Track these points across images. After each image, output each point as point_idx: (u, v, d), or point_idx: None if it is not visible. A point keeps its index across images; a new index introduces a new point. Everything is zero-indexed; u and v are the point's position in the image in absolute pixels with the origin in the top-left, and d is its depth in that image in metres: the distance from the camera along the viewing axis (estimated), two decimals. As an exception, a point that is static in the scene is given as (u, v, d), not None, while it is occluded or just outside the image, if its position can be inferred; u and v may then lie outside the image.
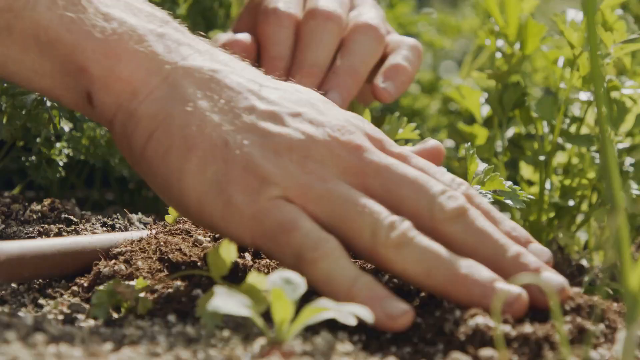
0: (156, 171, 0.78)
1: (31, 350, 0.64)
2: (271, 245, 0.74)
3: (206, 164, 0.76)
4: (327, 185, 0.75)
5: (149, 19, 0.81)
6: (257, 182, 0.74)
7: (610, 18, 1.01)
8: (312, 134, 0.77)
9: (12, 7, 0.78)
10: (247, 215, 0.74)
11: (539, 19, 1.11)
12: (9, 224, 0.91)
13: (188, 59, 0.79)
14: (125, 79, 0.78)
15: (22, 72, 0.80)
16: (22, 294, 0.80)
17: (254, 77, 0.80)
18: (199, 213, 0.77)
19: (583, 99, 1.07)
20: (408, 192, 0.76)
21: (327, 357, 0.68)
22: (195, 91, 0.78)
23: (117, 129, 0.80)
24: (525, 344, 0.70)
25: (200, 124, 0.76)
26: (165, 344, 0.68)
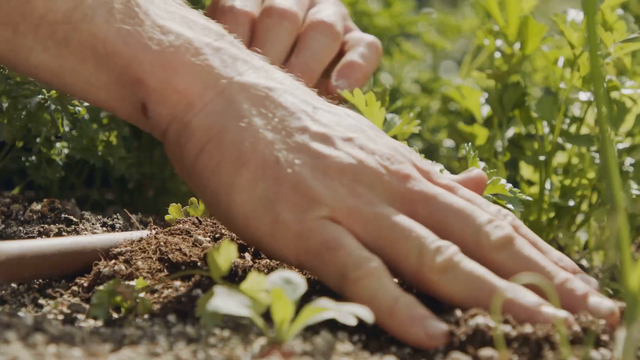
0: (206, 184, 0.79)
1: (31, 350, 0.64)
2: (315, 263, 0.75)
3: (256, 180, 0.77)
4: (375, 209, 0.76)
5: (204, 32, 0.82)
6: (306, 202, 0.76)
7: (610, 18, 1.01)
8: (363, 160, 0.78)
9: (70, 20, 0.79)
10: (293, 233, 0.75)
11: (539, 19, 1.10)
12: (9, 224, 0.91)
13: (244, 75, 0.80)
14: (181, 91, 0.79)
15: (78, 84, 0.81)
16: (22, 294, 0.80)
17: (307, 97, 0.82)
18: (245, 228, 0.78)
19: (583, 99, 1.07)
20: (455, 221, 0.77)
21: (327, 357, 0.68)
22: (250, 107, 0.79)
23: (170, 140, 0.81)
24: (526, 344, 0.70)
25: (254, 140, 0.77)
26: (165, 344, 0.68)
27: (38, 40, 0.79)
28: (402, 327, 0.72)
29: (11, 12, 0.78)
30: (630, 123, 1.08)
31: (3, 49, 0.80)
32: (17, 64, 0.81)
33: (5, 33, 0.79)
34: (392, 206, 0.77)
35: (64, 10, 0.78)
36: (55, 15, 0.78)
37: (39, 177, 1.01)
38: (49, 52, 0.80)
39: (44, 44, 0.79)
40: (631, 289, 0.60)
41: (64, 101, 0.95)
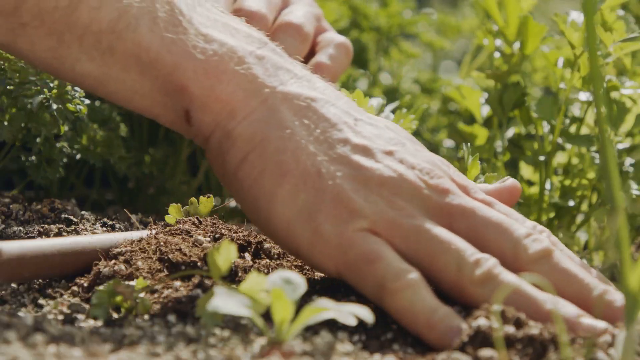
0: (247, 192, 0.80)
1: (31, 351, 0.64)
2: (355, 275, 0.76)
3: (298, 191, 0.78)
4: (415, 221, 0.77)
5: (247, 40, 0.83)
6: (346, 213, 0.77)
7: (610, 18, 1.01)
8: (403, 173, 0.78)
9: (114, 29, 0.80)
10: (333, 244, 0.76)
11: (539, 19, 1.10)
12: (9, 224, 0.91)
13: (286, 84, 0.81)
14: (224, 99, 0.80)
15: (122, 92, 0.82)
16: (22, 294, 0.80)
17: (348, 108, 0.82)
18: (285, 238, 0.79)
19: (583, 99, 1.07)
20: (493, 234, 0.78)
21: (327, 357, 0.68)
22: (292, 118, 0.80)
23: (213, 147, 0.82)
24: (530, 345, 0.70)
25: (296, 151, 0.78)
26: (165, 344, 0.68)
27: (83, 50, 0.80)
28: (440, 339, 0.72)
29: (56, 22, 0.79)
30: (630, 123, 1.08)
31: (48, 58, 0.81)
32: (62, 72, 0.82)
33: (50, 42, 0.80)
34: (431, 219, 0.77)
35: (108, 20, 0.79)
36: (100, 25, 0.79)
37: (39, 177, 1.01)
38: (94, 61, 0.81)
39: (89, 53, 0.80)
40: (631, 289, 0.60)
41: (65, 100, 0.95)
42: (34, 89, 0.94)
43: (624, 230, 0.59)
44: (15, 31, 0.80)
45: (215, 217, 0.90)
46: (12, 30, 0.80)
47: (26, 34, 0.80)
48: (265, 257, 0.86)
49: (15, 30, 0.80)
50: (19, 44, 0.81)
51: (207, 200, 0.92)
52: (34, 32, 0.80)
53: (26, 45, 0.81)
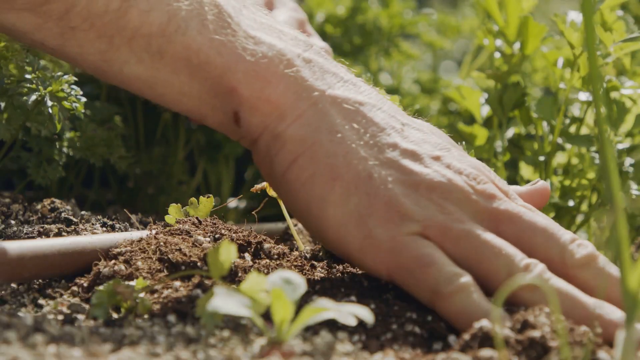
0: (297, 195, 0.81)
1: (31, 351, 0.64)
2: (407, 278, 0.77)
3: (349, 195, 0.79)
4: (465, 226, 0.78)
5: (294, 43, 0.84)
6: (398, 218, 0.78)
7: (609, 18, 1.01)
8: (452, 178, 0.80)
9: (164, 32, 0.80)
10: (386, 248, 0.78)
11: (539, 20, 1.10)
12: (9, 224, 0.91)
13: (334, 88, 0.82)
14: (274, 102, 0.81)
15: (171, 94, 0.83)
16: (22, 294, 0.80)
17: (394, 113, 0.84)
18: (336, 241, 0.80)
19: (583, 99, 1.07)
20: (540, 239, 0.80)
21: (327, 357, 0.68)
22: (342, 122, 0.81)
23: (261, 149, 0.83)
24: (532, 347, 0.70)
25: (347, 155, 0.80)
26: (165, 344, 0.68)
27: (132, 53, 0.81)
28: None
29: (106, 25, 0.80)
30: (630, 123, 1.08)
31: (97, 61, 0.82)
32: (110, 74, 0.83)
33: (99, 45, 0.81)
34: (479, 224, 0.79)
35: (158, 23, 0.80)
36: (150, 28, 0.80)
37: (39, 177, 1.01)
38: (143, 64, 0.81)
39: (139, 56, 0.81)
40: (630, 289, 0.60)
41: (61, 98, 0.94)
42: (29, 86, 0.94)
43: (623, 231, 0.59)
44: (64, 35, 0.81)
45: (215, 217, 0.90)
46: (62, 34, 0.81)
47: (75, 37, 0.81)
48: (265, 258, 0.86)
49: (65, 34, 0.81)
50: (67, 48, 0.82)
51: (207, 200, 0.92)
52: (84, 36, 0.80)
53: (75, 49, 0.81)
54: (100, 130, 1.06)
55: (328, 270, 0.87)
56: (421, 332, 0.75)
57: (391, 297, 0.80)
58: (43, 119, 0.96)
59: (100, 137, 1.05)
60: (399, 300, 0.79)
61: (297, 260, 0.88)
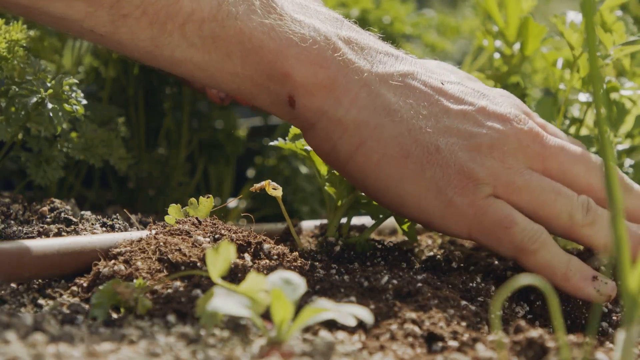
0: (370, 176, 0.87)
1: (30, 350, 0.64)
2: (491, 239, 0.86)
3: (423, 169, 0.86)
4: (524, 177, 0.87)
5: (331, 23, 0.88)
6: (472, 184, 0.86)
7: (609, 19, 1.01)
8: (504, 130, 0.88)
9: (215, 17, 0.83)
10: (467, 214, 0.86)
11: (539, 20, 1.10)
12: (9, 224, 0.91)
13: (377, 65, 0.87)
14: (327, 86, 0.85)
15: (222, 75, 0.86)
16: (22, 294, 0.80)
17: (433, 73, 0.90)
18: (417, 212, 0.87)
19: (582, 100, 1.07)
20: (580, 169, 0.89)
21: (326, 357, 0.68)
22: (396, 100, 0.86)
23: (319, 133, 0.87)
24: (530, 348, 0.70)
25: (411, 132, 0.86)
26: (164, 344, 0.68)
27: (184, 37, 0.84)
28: (577, 289, 0.85)
29: (158, 12, 0.83)
30: (630, 124, 1.08)
31: (148, 46, 0.84)
32: (161, 58, 0.86)
33: (151, 32, 0.83)
34: (532, 168, 0.88)
35: (209, 8, 0.83)
36: (202, 14, 0.83)
37: (39, 177, 1.01)
38: (195, 48, 0.84)
39: (191, 40, 0.84)
40: (630, 290, 0.60)
41: (62, 100, 0.94)
42: (29, 88, 0.94)
43: (623, 231, 0.59)
44: (116, 23, 0.83)
45: (214, 218, 0.90)
46: (113, 21, 0.83)
47: (127, 24, 0.83)
48: (264, 258, 0.86)
49: (116, 22, 0.83)
50: (118, 35, 0.84)
51: (207, 200, 0.92)
52: (135, 23, 0.83)
53: (127, 36, 0.84)
54: (100, 131, 1.06)
55: (327, 271, 0.87)
56: (420, 332, 0.75)
57: (390, 298, 0.80)
58: (43, 120, 0.96)
59: (100, 137, 1.05)
60: (398, 301, 0.79)
61: (297, 260, 0.88)
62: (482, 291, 0.86)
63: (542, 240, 0.85)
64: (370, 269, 0.87)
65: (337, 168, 0.89)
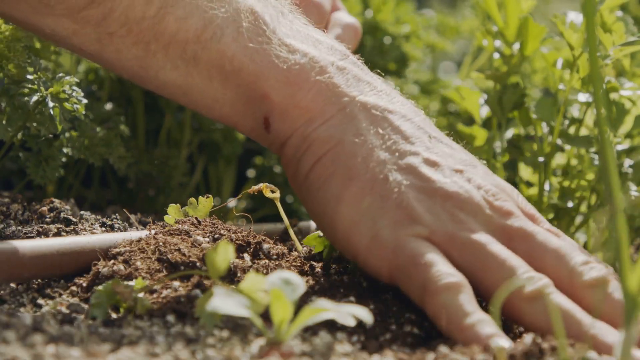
0: (315, 195, 0.82)
1: (30, 351, 0.64)
2: (403, 277, 0.77)
3: (364, 195, 0.80)
4: (474, 235, 0.78)
5: (329, 52, 0.85)
6: (407, 221, 0.78)
7: (609, 19, 1.01)
8: (469, 190, 0.80)
9: (199, 39, 0.82)
10: (389, 248, 0.78)
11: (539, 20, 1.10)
12: (8, 223, 0.91)
13: (366, 95, 0.84)
14: (304, 107, 0.83)
15: (204, 100, 0.85)
16: (21, 294, 0.80)
17: (424, 125, 0.84)
18: (346, 240, 0.81)
19: (582, 100, 1.07)
20: (551, 259, 0.79)
21: (326, 357, 0.68)
22: (368, 126, 0.82)
23: (288, 153, 0.84)
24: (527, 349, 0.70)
25: (366, 157, 0.81)
26: (164, 344, 0.68)
27: (168, 59, 0.83)
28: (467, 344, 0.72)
29: (143, 31, 0.82)
30: (629, 124, 1.08)
31: (134, 67, 0.84)
32: (147, 80, 0.85)
33: (136, 51, 0.83)
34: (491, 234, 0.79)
35: (194, 29, 0.82)
36: (186, 35, 0.82)
37: (38, 177, 1.01)
38: (177, 70, 0.83)
39: (174, 62, 0.83)
40: (630, 291, 0.60)
41: (62, 99, 0.94)
42: (30, 87, 0.94)
43: (623, 232, 0.59)
44: (102, 41, 0.82)
45: (214, 218, 0.90)
46: (100, 39, 0.82)
47: (113, 43, 0.82)
48: (264, 258, 0.86)
49: (103, 40, 0.82)
50: (106, 53, 0.83)
51: (206, 200, 0.92)
52: (121, 41, 0.82)
53: (113, 54, 0.83)
54: (100, 130, 1.06)
55: (327, 271, 0.87)
56: (420, 332, 0.75)
57: (390, 298, 0.80)
58: (43, 119, 0.96)
59: (99, 137, 1.05)
60: (397, 301, 0.79)
61: (296, 260, 0.88)
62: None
63: (448, 283, 0.74)
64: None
65: (297, 189, 0.85)
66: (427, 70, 1.61)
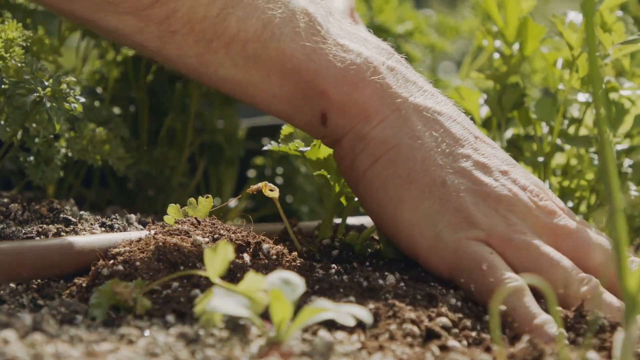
0: (374, 194, 0.87)
1: (30, 350, 0.64)
2: (466, 279, 0.83)
3: (424, 198, 0.86)
4: (526, 237, 0.85)
5: (378, 51, 0.90)
6: (466, 224, 0.85)
7: (609, 19, 1.01)
8: (517, 193, 0.87)
9: (259, 38, 0.86)
10: (450, 250, 0.84)
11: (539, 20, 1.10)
12: (8, 224, 0.91)
13: (416, 96, 0.89)
14: (361, 105, 0.87)
15: (261, 95, 0.89)
16: (21, 294, 0.80)
17: (468, 126, 0.90)
18: (407, 239, 0.86)
19: (582, 100, 1.07)
20: (595, 255, 0.87)
21: (325, 357, 0.68)
22: (423, 128, 0.87)
23: (344, 148, 0.88)
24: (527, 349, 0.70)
25: (425, 160, 0.86)
26: (163, 344, 0.68)
27: (228, 56, 0.87)
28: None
29: (205, 30, 0.85)
30: (629, 124, 1.08)
31: (194, 63, 0.87)
32: (205, 76, 0.88)
33: (197, 49, 0.86)
34: (539, 238, 0.85)
35: (254, 29, 0.86)
36: (247, 34, 0.86)
37: (38, 178, 1.01)
38: (237, 67, 0.87)
39: (234, 59, 0.87)
40: (629, 291, 0.60)
41: (60, 99, 0.94)
42: (28, 87, 0.93)
43: (622, 232, 0.59)
44: (164, 38, 0.86)
45: (214, 218, 0.90)
46: (162, 37, 0.86)
47: (174, 40, 0.86)
48: (264, 258, 0.86)
49: (164, 38, 0.86)
50: (166, 50, 0.87)
51: (206, 200, 0.92)
52: (183, 39, 0.86)
53: (174, 51, 0.87)
54: (100, 131, 1.06)
55: (327, 271, 0.87)
56: (419, 332, 0.75)
57: (390, 297, 0.80)
58: (42, 119, 0.96)
59: (99, 137, 1.05)
60: (397, 301, 0.79)
61: (296, 260, 0.88)
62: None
63: (514, 287, 0.81)
64: (370, 268, 0.87)
65: (353, 186, 0.90)
66: (427, 70, 1.61)
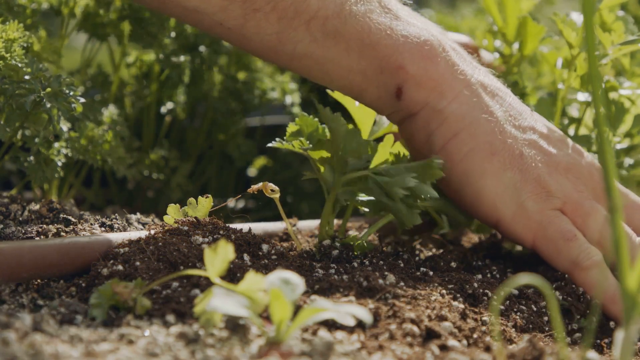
0: (455, 167, 0.93)
1: (29, 350, 0.64)
2: (551, 249, 0.91)
3: (505, 169, 0.92)
4: (592, 203, 0.93)
5: (439, 30, 0.95)
6: (545, 194, 0.92)
7: (608, 19, 1.01)
8: (579, 160, 0.95)
9: (339, 15, 0.91)
10: (535, 220, 0.92)
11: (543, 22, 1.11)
12: (8, 224, 0.91)
13: (478, 74, 0.95)
14: (436, 80, 0.91)
15: (337, 71, 0.92)
16: (21, 294, 0.80)
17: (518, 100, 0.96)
18: (491, 209, 0.93)
19: (581, 100, 1.07)
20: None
21: (325, 357, 0.68)
22: (492, 103, 0.93)
23: (418, 123, 0.93)
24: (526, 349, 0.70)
25: (502, 133, 0.92)
26: (163, 344, 0.68)
27: (308, 33, 0.90)
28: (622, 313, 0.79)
29: (287, 8, 0.89)
30: (629, 124, 1.08)
31: (272, 40, 0.91)
32: (282, 54, 0.92)
33: (278, 26, 0.90)
34: (599, 202, 0.93)
35: (333, 7, 0.90)
36: (326, 12, 0.90)
37: (38, 178, 1.01)
38: (317, 43, 0.91)
39: (314, 35, 0.90)
40: (629, 290, 0.60)
41: (60, 99, 0.94)
42: (27, 87, 0.93)
43: (622, 231, 0.59)
44: (246, 16, 0.90)
45: (214, 218, 0.90)
46: (244, 15, 0.90)
47: (256, 18, 0.90)
48: (263, 258, 0.86)
49: (247, 15, 0.90)
50: (245, 29, 0.90)
51: (206, 200, 0.92)
52: (264, 17, 0.89)
53: (253, 29, 0.90)
54: (99, 131, 1.06)
55: (327, 271, 0.87)
56: (419, 332, 0.75)
57: (390, 297, 0.80)
58: (42, 120, 0.96)
59: (98, 138, 1.05)
60: (397, 301, 0.79)
61: (296, 260, 0.88)
62: (482, 291, 0.86)
63: (597, 260, 0.89)
64: (370, 268, 0.87)
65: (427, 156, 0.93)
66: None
